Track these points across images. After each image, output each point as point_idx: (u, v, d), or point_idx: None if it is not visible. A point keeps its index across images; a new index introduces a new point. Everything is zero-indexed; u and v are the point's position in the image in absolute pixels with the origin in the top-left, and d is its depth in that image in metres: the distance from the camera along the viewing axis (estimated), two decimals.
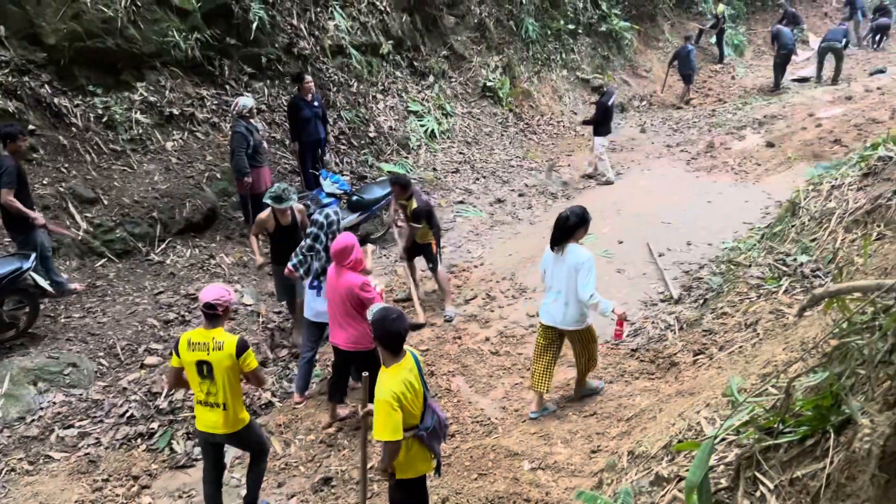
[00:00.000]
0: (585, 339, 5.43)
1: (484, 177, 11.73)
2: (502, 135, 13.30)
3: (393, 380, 3.60)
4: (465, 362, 6.58)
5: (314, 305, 6.03)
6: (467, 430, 5.54)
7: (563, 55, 15.74)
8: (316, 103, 9.30)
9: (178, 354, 4.33)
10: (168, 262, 8.10)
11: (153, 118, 8.74)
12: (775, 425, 2.59)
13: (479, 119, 13.19)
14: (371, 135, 10.91)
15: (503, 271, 8.43)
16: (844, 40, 16.45)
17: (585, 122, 12.16)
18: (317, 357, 6.52)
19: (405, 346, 3.80)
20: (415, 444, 3.78)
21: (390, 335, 3.62)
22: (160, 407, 5.92)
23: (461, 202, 10.66)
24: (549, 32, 15.40)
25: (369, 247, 6.37)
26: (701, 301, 6.91)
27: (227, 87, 9.58)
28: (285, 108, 9.77)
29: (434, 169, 11.35)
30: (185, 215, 8.43)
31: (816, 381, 2.57)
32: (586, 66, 16.11)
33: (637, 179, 11.58)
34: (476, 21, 13.84)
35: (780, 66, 16.44)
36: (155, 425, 5.74)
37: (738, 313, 5.89)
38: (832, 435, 2.30)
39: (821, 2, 22.71)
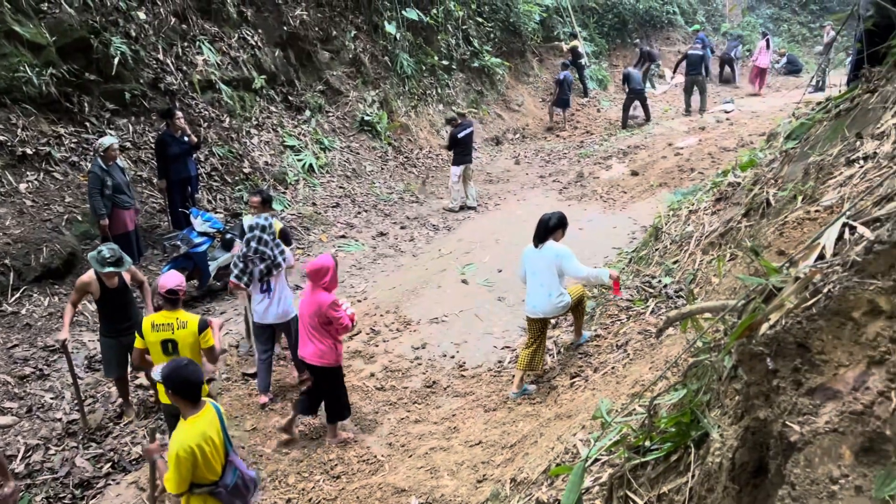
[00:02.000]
0: (575, 310, 6.31)
1: (366, 210, 11.70)
2: (382, 168, 13.36)
3: (190, 432, 3.53)
4: (349, 400, 6.45)
5: (260, 308, 6.28)
6: (353, 471, 5.42)
7: (439, 90, 16.10)
8: (185, 139, 8.99)
9: (142, 336, 4.89)
10: (23, 312, 7.46)
11: (4, 159, 8.09)
12: (643, 443, 2.70)
13: (358, 153, 13.19)
14: (246, 170, 10.64)
15: (387, 305, 8.40)
16: (704, 68, 17.86)
17: (445, 148, 12.53)
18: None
19: (207, 399, 3.78)
20: (210, 500, 3.68)
21: (186, 383, 3.57)
22: (16, 471, 5.40)
23: (343, 236, 10.56)
24: (424, 68, 15.73)
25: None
26: None
27: (88, 124, 9.05)
28: (153, 145, 9.36)
29: (314, 204, 11.20)
30: (43, 261, 7.82)
31: (677, 399, 2.70)
32: (461, 101, 16.53)
33: (514, 209, 11.93)
34: (351, 56, 13.91)
35: (627, 105, 17.52)
36: None
37: (610, 335, 6.15)
38: (693, 450, 2.43)
39: (673, 39, 24.56)
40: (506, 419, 5.68)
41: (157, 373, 4.50)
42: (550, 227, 6.11)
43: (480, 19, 17.70)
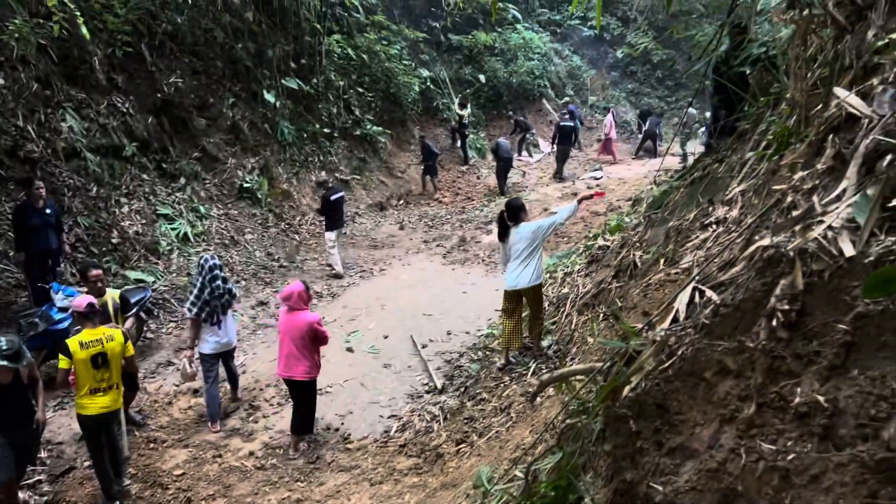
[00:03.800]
0: (539, 296, 6.96)
1: (245, 279, 11.35)
2: (263, 235, 13.07)
3: None
4: (227, 482, 6.08)
5: (216, 339, 6.94)
6: None
7: (321, 157, 16.10)
8: (48, 210, 8.43)
9: (69, 357, 5.32)
10: None
11: None
12: None
13: (237, 220, 12.85)
14: (114, 241, 10.07)
15: (268, 377, 8.08)
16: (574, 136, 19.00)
17: (318, 212, 12.45)
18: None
19: None
20: None
21: None
22: None
23: None
24: (306, 135, 15.72)
25: None
26: (462, 389, 7.18)
27: None
28: (10, 216, 8.69)
29: (188, 274, 10.72)
30: None
31: (554, 462, 2.73)
32: (344, 168, 16.60)
33: (399, 274, 11.96)
34: (229, 123, 13.69)
35: (501, 174, 18.24)
36: None
37: (494, 398, 6.20)
38: None
39: (545, 111, 26.00)
40: (392, 492, 5.53)
41: None
42: (515, 213, 7.08)
43: (361, 89, 18.01)
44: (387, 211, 16.90)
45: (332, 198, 11.72)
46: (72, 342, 5.36)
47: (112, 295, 6.80)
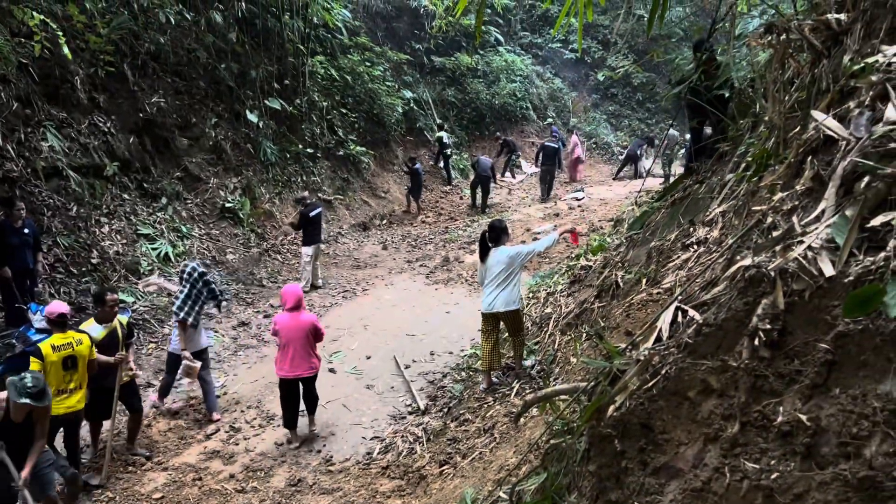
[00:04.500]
0: (517, 321, 6.91)
1: (226, 299, 11.24)
2: (245, 255, 12.99)
3: None
4: None
5: (196, 338, 7.40)
6: None
7: (304, 177, 16.09)
8: (26, 230, 8.33)
9: (41, 359, 5.44)
10: None
11: None
12: None
13: (218, 240, 12.77)
14: (94, 261, 9.96)
15: (249, 399, 7.99)
16: (557, 158, 19.17)
17: (291, 225, 12.45)
18: None
19: None
20: None
21: None
22: None
23: None
24: (289, 155, 15.72)
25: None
26: (445, 409, 7.14)
27: None
28: None
29: (169, 294, 10.62)
30: None
31: (539, 483, 2.72)
32: (327, 188, 16.60)
33: (382, 294, 11.92)
34: (212, 143, 13.65)
35: (474, 187, 18.37)
36: None
37: (477, 419, 6.17)
38: None
39: (528, 132, 26.23)
40: None
41: None
42: (496, 234, 7.07)
43: (345, 110, 18.08)
44: (370, 231, 16.90)
45: (311, 214, 11.78)
46: (44, 345, 5.53)
47: (121, 320, 6.67)
